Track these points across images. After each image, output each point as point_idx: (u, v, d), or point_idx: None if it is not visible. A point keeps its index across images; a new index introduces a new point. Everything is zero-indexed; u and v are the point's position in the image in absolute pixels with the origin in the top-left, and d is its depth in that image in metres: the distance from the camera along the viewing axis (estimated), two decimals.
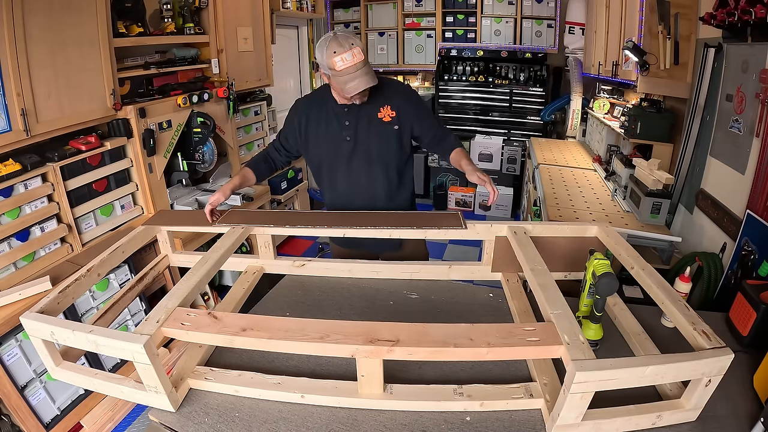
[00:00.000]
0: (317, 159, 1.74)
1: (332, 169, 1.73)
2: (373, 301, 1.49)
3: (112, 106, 2.32)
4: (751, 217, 1.68)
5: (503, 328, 1.02)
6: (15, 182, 1.92)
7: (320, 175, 1.78)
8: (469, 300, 1.51)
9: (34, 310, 1.08)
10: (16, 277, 1.95)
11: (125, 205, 2.50)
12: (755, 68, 1.73)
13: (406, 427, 1.02)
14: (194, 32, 2.83)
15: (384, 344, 0.96)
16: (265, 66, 3.61)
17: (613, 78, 3.15)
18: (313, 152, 1.73)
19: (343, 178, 1.72)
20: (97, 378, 1.12)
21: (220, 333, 1.01)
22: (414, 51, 5.30)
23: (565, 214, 2.51)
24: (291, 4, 4.18)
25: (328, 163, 1.72)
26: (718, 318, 1.39)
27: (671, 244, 2.20)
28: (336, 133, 1.66)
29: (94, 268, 1.30)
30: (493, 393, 1.06)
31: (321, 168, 1.75)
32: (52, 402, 1.94)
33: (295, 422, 1.03)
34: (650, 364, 0.91)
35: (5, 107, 1.82)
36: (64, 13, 2.02)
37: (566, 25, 4.35)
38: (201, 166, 3.00)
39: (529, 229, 1.49)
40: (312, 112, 1.68)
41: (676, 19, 2.36)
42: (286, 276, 1.65)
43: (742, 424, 1.00)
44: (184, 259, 1.66)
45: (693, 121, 2.31)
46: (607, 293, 1.15)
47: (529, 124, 4.85)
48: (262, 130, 3.80)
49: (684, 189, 2.38)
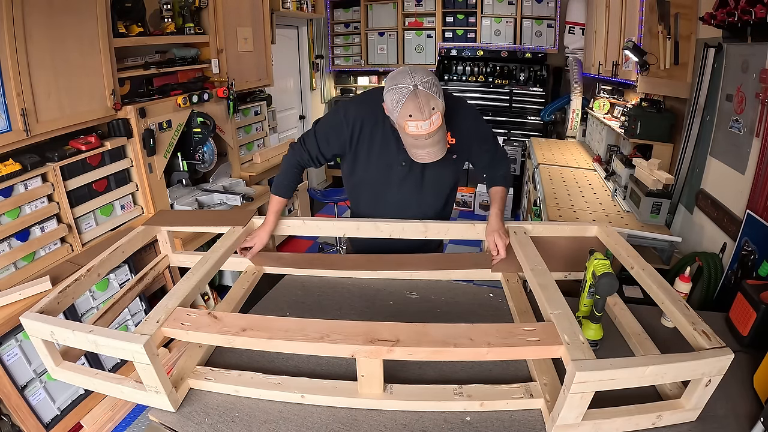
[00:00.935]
0: (361, 177, 1.57)
1: (377, 190, 1.58)
2: (373, 301, 1.49)
3: (112, 106, 2.32)
4: (751, 217, 1.68)
5: (503, 328, 1.02)
6: (15, 182, 1.92)
7: (359, 189, 1.62)
8: (469, 300, 1.51)
9: (34, 310, 1.08)
10: (16, 277, 1.95)
11: (125, 205, 2.50)
12: (755, 68, 1.73)
13: (406, 427, 1.02)
14: (194, 32, 2.83)
15: (384, 344, 0.96)
16: (265, 66, 3.61)
17: (613, 78, 3.15)
18: (360, 170, 1.55)
19: (390, 200, 1.58)
20: (97, 378, 1.11)
21: (220, 333, 1.01)
22: (414, 51, 5.31)
23: (565, 214, 2.51)
24: (291, 4, 4.18)
25: (373, 183, 1.57)
26: (718, 318, 1.39)
27: (671, 244, 2.20)
28: (391, 156, 1.47)
29: (94, 268, 1.30)
30: (493, 393, 1.06)
31: (362, 185, 1.60)
32: (52, 402, 1.94)
33: (295, 422, 1.03)
34: (650, 364, 0.91)
35: (5, 107, 1.82)
36: (64, 13, 2.02)
37: (566, 25, 4.35)
38: (201, 166, 3.00)
39: (529, 229, 1.49)
40: (366, 126, 1.46)
41: (676, 19, 2.36)
42: (286, 276, 1.65)
43: (742, 424, 1.00)
44: (184, 259, 1.66)
45: (693, 121, 2.31)
46: (608, 293, 1.14)
47: (529, 124, 4.85)
48: (262, 130, 3.80)
49: (684, 189, 2.38)
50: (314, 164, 1.58)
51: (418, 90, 1.19)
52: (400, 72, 1.24)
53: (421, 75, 1.21)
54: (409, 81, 1.19)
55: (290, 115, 5.05)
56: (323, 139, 1.51)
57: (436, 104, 1.20)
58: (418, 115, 1.19)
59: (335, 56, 5.65)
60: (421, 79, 1.20)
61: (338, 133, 1.48)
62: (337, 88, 5.90)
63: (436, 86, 1.22)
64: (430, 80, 1.21)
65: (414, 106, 1.18)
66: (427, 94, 1.19)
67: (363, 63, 5.51)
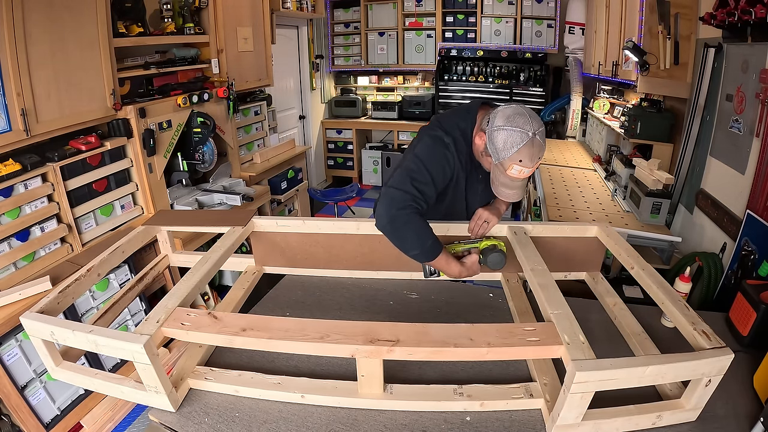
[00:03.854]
0: (436, 208, 1.47)
1: (448, 215, 1.54)
2: (373, 301, 1.49)
3: (112, 106, 2.32)
4: (751, 217, 1.68)
5: (503, 328, 1.02)
6: (15, 182, 1.92)
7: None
8: (469, 300, 1.51)
9: (34, 310, 1.08)
10: (16, 277, 1.95)
11: (125, 205, 2.50)
12: (755, 68, 1.73)
13: (406, 427, 1.02)
14: (194, 32, 2.83)
15: (384, 344, 0.96)
16: (265, 66, 3.61)
17: (613, 78, 3.15)
18: (444, 203, 1.50)
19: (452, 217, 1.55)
20: (97, 378, 1.11)
21: (220, 333, 1.01)
22: (414, 51, 5.30)
23: (565, 214, 2.51)
24: (291, 4, 4.18)
25: (449, 214, 1.54)
26: (718, 318, 1.39)
27: (671, 244, 2.20)
28: (476, 193, 1.50)
29: (94, 268, 1.30)
30: (493, 393, 1.06)
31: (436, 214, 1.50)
32: (52, 402, 1.94)
33: (295, 422, 1.03)
34: (650, 364, 0.91)
35: (5, 107, 1.82)
36: (64, 13, 2.02)
37: (566, 25, 4.35)
38: (201, 166, 3.00)
39: (529, 229, 1.49)
40: (467, 163, 1.42)
41: (676, 19, 2.36)
42: (286, 276, 1.65)
43: (742, 424, 1.00)
44: (184, 259, 1.66)
45: (693, 121, 2.31)
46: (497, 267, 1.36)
47: None
48: (262, 130, 3.80)
49: (684, 189, 2.38)
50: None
51: (535, 139, 1.19)
52: (519, 113, 1.21)
53: (537, 123, 1.21)
54: (529, 128, 1.19)
55: (290, 115, 5.04)
56: (440, 182, 1.36)
57: (542, 155, 1.23)
58: (528, 163, 1.20)
59: (335, 56, 5.65)
60: (538, 127, 1.20)
61: (450, 170, 1.38)
62: (337, 88, 5.90)
63: (545, 134, 1.24)
64: (543, 130, 1.22)
65: (528, 154, 1.19)
66: (541, 144, 1.21)
67: (363, 63, 5.51)
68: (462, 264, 1.37)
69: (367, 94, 5.80)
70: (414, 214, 1.26)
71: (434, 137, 1.37)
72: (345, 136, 5.63)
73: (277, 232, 1.58)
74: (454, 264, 1.35)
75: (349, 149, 5.66)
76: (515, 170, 1.22)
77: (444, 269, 1.36)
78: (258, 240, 1.60)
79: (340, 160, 5.77)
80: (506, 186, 1.27)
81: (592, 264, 1.56)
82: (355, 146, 5.62)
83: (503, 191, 1.29)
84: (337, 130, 5.64)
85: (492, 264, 1.37)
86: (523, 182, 1.28)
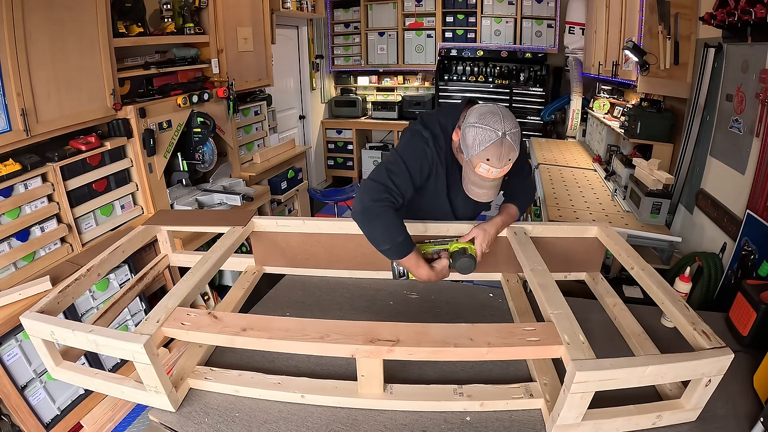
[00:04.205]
0: (419, 204, 1.49)
1: (430, 215, 1.54)
2: (373, 301, 1.49)
3: (112, 106, 2.32)
4: (751, 217, 1.68)
5: (503, 328, 1.02)
6: (15, 182, 1.92)
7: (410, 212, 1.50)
8: (469, 300, 1.51)
9: (34, 310, 1.08)
10: (16, 277, 1.95)
11: (125, 205, 2.50)
12: (755, 68, 1.73)
13: (406, 427, 1.02)
14: (194, 32, 2.83)
15: (384, 344, 0.96)
16: (265, 66, 3.61)
17: (613, 78, 3.15)
18: (422, 201, 1.48)
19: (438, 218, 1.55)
20: (97, 378, 1.11)
21: (221, 333, 1.01)
22: (414, 51, 5.31)
23: (565, 214, 2.51)
24: (291, 4, 4.18)
25: (430, 212, 1.53)
26: (718, 318, 1.39)
27: (671, 244, 2.20)
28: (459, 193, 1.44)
29: (94, 268, 1.30)
30: (493, 393, 1.06)
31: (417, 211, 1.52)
32: (52, 402, 1.94)
33: (295, 422, 1.03)
34: (650, 364, 0.91)
35: (5, 107, 1.82)
36: (64, 14, 2.02)
37: (566, 25, 4.35)
38: (201, 166, 3.00)
39: (529, 229, 1.49)
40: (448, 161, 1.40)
41: (676, 19, 2.36)
42: (286, 276, 1.65)
43: (742, 424, 1.00)
44: (184, 259, 1.66)
45: (693, 121, 2.31)
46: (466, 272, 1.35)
47: (529, 124, 4.85)
48: (262, 130, 3.80)
49: (684, 189, 2.38)
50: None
51: (504, 139, 1.17)
52: (491, 111, 1.21)
53: (510, 123, 1.20)
54: (500, 127, 1.17)
55: (290, 115, 5.05)
56: (417, 176, 1.34)
57: (513, 156, 1.20)
58: (496, 162, 1.19)
59: (335, 56, 5.65)
60: (510, 128, 1.19)
61: (427, 165, 1.36)
62: (337, 88, 5.90)
63: (519, 137, 1.22)
64: (517, 131, 1.21)
65: (495, 153, 1.18)
66: (511, 145, 1.19)
67: (363, 63, 5.51)
68: (432, 268, 1.34)
69: (367, 94, 5.80)
70: (388, 207, 1.26)
71: (414, 132, 1.38)
72: (345, 136, 5.64)
73: (277, 232, 1.58)
74: (423, 267, 1.33)
75: (349, 149, 5.67)
76: (483, 169, 1.21)
77: (413, 270, 1.34)
78: (258, 240, 1.60)
79: (340, 160, 5.77)
80: (476, 185, 1.27)
81: (592, 264, 1.56)
82: (355, 146, 5.62)
83: (473, 189, 1.29)
84: (337, 130, 5.64)
85: (461, 269, 1.34)
86: (494, 183, 1.26)
